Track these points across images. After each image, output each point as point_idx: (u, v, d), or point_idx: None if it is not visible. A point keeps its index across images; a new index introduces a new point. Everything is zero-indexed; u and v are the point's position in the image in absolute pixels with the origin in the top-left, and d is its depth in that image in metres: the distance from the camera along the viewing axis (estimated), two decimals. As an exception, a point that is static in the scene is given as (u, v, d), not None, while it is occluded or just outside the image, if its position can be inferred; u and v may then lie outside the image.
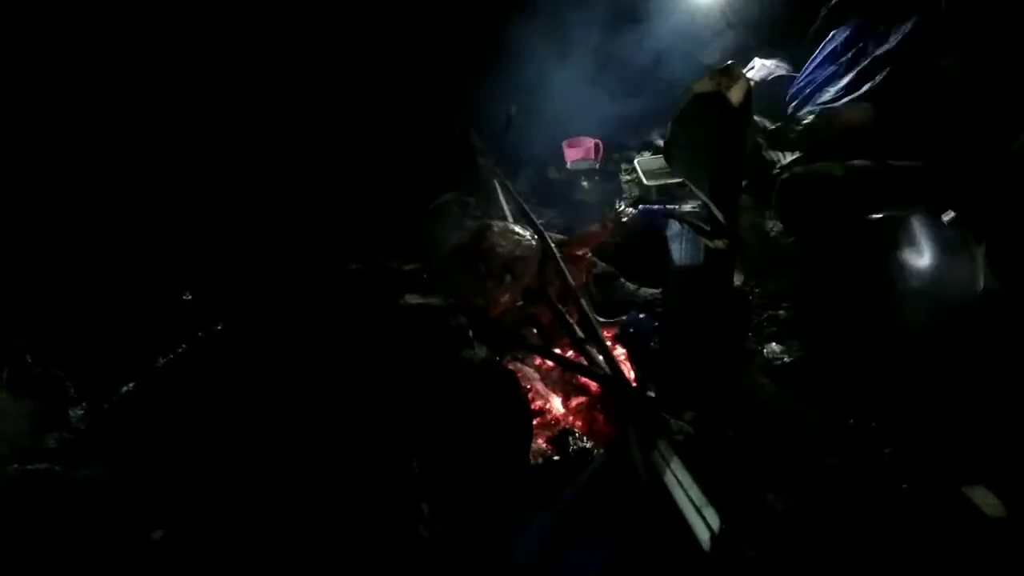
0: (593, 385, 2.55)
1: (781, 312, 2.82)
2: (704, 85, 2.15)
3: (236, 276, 3.10)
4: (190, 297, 3.03)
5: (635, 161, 4.01)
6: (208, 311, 2.82)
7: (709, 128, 2.19)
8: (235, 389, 2.42)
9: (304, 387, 2.36)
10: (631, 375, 2.50)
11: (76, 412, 2.52)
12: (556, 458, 2.33)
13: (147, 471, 2.19)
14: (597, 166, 4.25)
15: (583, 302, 2.76)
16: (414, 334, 2.59)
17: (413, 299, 2.75)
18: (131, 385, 2.49)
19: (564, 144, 4.30)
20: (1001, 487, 1.91)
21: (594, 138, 4.28)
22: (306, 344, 2.56)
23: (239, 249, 3.27)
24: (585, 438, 2.38)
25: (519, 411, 2.38)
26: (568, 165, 4.28)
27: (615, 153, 4.52)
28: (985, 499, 1.90)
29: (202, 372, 2.56)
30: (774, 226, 3.28)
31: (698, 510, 1.76)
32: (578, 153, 4.26)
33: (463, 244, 3.04)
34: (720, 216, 2.15)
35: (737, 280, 2.72)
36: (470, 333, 2.63)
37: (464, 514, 2.09)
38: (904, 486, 2.01)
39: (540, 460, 2.33)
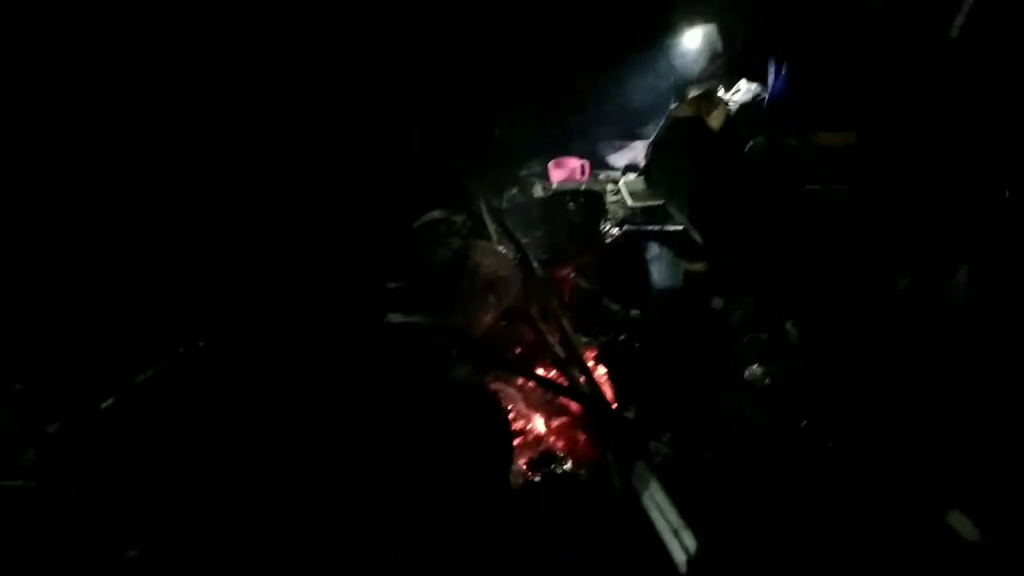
0: (575, 405, 2.55)
1: (762, 334, 2.83)
2: (684, 110, 2.18)
3: (219, 292, 3.08)
4: (173, 312, 3.00)
5: (620, 183, 4.03)
6: (190, 327, 2.80)
7: (688, 152, 2.22)
8: (215, 407, 2.41)
9: (285, 405, 2.36)
10: (611, 395, 2.51)
11: (52, 428, 2.49)
12: (537, 479, 2.33)
13: (123, 488, 2.17)
14: (583, 187, 4.27)
15: (565, 322, 2.77)
16: (397, 353, 2.59)
17: (396, 318, 2.75)
18: (110, 401, 2.47)
19: (550, 164, 4.32)
20: (977, 511, 1.92)
21: (580, 159, 4.30)
22: (289, 362, 2.55)
23: (222, 265, 3.26)
24: (566, 459, 2.38)
25: (500, 431, 2.38)
26: (554, 186, 4.30)
27: (601, 174, 4.55)
28: (961, 523, 1.91)
29: (182, 389, 2.54)
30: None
31: (675, 532, 1.77)
32: (564, 173, 4.27)
33: (447, 263, 3.05)
34: (699, 239, 2.18)
35: (718, 303, 2.74)
36: (453, 352, 2.63)
37: (444, 535, 2.08)
38: (883, 509, 2.02)
39: (521, 481, 2.33)
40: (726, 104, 2.16)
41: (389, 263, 3.21)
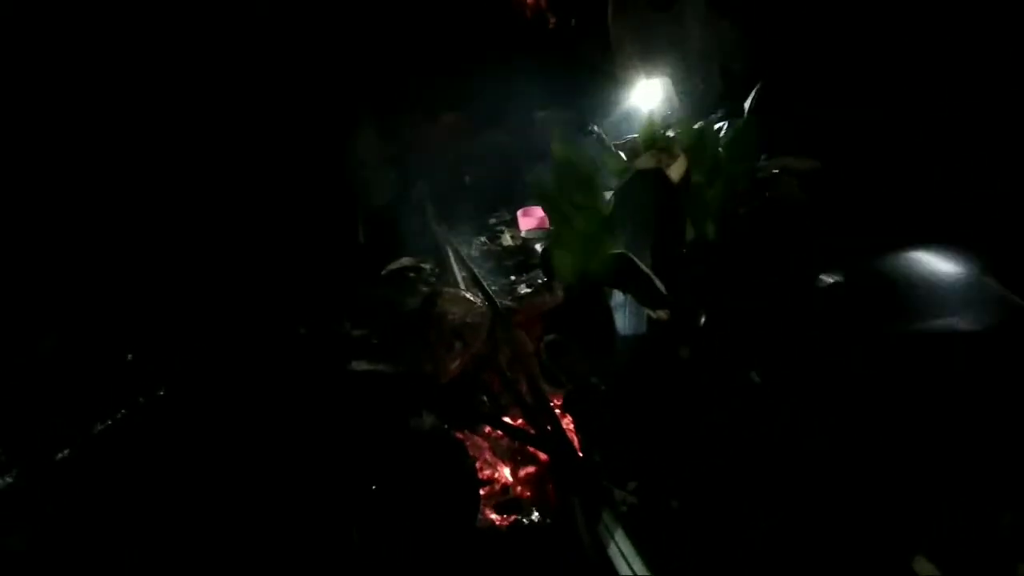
0: (542, 454, 2.54)
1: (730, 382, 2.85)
2: (645, 160, 2.23)
3: (180, 338, 3.05)
4: (131, 359, 2.95)
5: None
6: (150, 374, 2.76)
7: (649, 202, 2.26)
8: (173, 457, 2.36)
9: (246, 454, 2.32)
10: (578, 444, 2.50)
11: (5, 479, 2.42)
12: (503, 530, 2.30)
13: (78, 544, 2.11)
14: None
15: (532, 370, 2.78)
16: (361, 400, 2.57)
17: (361, 365, 2.73)
18: (65, 451, 2.41)
19: (519, 213, 4.39)
20: (942, 556, 1.93)
21: (548, 208, 4.37)
22: (250, 410, 2.52)
23: (183, 310, 3.22)
24: (533, 509, 2.36)
25: (466, 481, 2.36)
26: (522, 234, 4.35)
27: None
28: (925, 570, 1.92)
29: (140, 439, 2.49)
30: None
31: (640, 583, 1.76)
32: (532, 222, 4.33)
33: (414, 310, 3.05)
34: (662, 287, 2.20)
35: (684, 351, 2.76)
36: (418, 400, 2.61)
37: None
38: (852, 558, 2.03)
39: (486, 531, 2.30)
40: (685, 156, 2.22)
41: (355, 310, 3.21)
